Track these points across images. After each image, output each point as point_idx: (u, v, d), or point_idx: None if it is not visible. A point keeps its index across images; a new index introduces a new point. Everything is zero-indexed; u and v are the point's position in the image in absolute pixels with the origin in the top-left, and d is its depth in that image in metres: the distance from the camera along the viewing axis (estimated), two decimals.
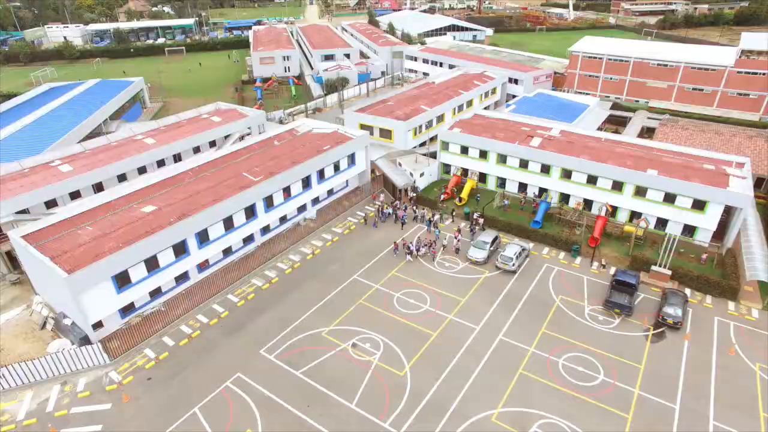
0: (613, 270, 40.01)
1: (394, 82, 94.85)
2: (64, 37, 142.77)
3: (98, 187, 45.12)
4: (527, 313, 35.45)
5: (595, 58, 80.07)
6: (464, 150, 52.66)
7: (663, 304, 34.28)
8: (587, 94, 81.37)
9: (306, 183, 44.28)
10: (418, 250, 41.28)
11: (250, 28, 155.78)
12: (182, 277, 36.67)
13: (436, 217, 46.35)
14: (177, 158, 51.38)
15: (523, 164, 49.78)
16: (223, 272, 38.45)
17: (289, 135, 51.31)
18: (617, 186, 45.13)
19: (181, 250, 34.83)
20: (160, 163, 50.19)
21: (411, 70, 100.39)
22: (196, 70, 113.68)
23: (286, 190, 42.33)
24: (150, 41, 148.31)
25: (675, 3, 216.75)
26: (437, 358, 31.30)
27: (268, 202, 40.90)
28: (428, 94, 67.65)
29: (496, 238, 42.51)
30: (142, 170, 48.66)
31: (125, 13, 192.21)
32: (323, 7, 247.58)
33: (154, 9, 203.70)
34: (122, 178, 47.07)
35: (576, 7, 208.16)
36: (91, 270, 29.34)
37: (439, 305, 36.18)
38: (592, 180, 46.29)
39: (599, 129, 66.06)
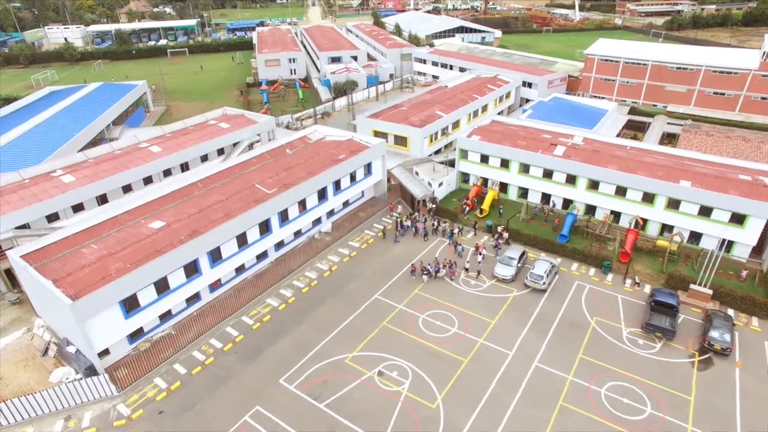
0: (647, 288, 37.80)
1: (403, 85, 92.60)
2: (65, 39, 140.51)
3: (102, 199, 42.87)
4: (562, 336, 33.22)
5: (612, 61, 77.86)
6: (484, 158, 50.44)
7: (708, 327, 32.02)
8: (602, 98, 79.24)
9: (321, 195, 42.03)
10: (437, 272, 38.81)
11: (253, 29, 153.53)
12: (193, 298, 34.41)
13: (456, 230, 44.16)
14: (184, 167, 49.10)
15: (547, 174, 47.55)
16: (236, 292, 36.21)
17: (301, 143, 49.06)
18: (648, 198, 42.92)
19: (192, 270, 32.58)
20: (167, 173, 47.87)
21: (420, 73, 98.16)
22: (199, 73, 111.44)
23: (302, 203, 40.08)
24: (152, 43, 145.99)
25: (681, 3, 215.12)
26: (470, 388, 29.08)
27: (283, 216, 38.65)
28: (442, 98, 65.40)
29: (523, 254, 40.30)
30: (147, 180, 46.34)
31: (126, 13, 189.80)
32: (326, 7, 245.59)
33: (155, 10, 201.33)
34: (127, 188, 44.78)
35: (581, 8, 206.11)
36: (97, 295, 27.08)
37: (467, 328, 33.95)
38: (621, 191, 44.07)
39: (617, 135, 63.86)
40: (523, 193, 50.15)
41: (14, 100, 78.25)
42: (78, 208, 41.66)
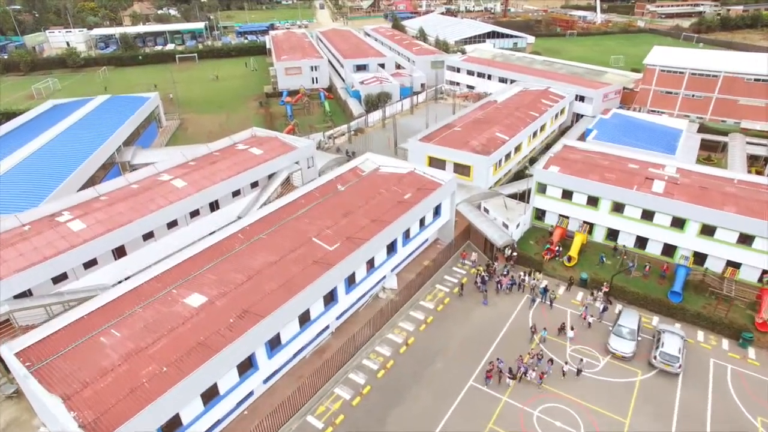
0: None
1: (437, 96, 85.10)
2: (67, 43, 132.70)
3: (119, 252, 35.16)
4: None
5: (676, 72, 70.23)
6: (566, 194, 42.82)
7: None
8: (662, 113, 71.71)
9: (390, 247, 34.35)
10: (525, 373, 29.54)
11: (265, 32, 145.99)
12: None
13: (544, 283, 36.57)
14: (214, 206, 41.33)
15: (646, 215, 39.97)
16: (295, 380, 28.52)
17: (353, 176, 41.43)
18: None
19: (247, 365, 24.96)
20: (194, 213, 40.10)
21: (453, 83, 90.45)
22: (212, 81, 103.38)
23: (370, 261, 32.39)
24: (159, 47, 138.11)
25: (703, 4, 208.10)
26: None
27: (350, 280, 31.00)
28: (498, 117, 57.79)
29: (639, 321, 32.77)
30: (171, 223, 38.60)
31: (130, 16, 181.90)
32: (335, 9, 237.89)
33: (159, 12, 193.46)
34: (148, 234, 37.07)
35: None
36: (128, 428, 19.37)
37: (597, 431, 26.39)
38: (745, 240, 36.49)
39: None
40: (612, 234, 42.56)
41: (14, 114, 70.48)
42: (90, 260, 34.03)
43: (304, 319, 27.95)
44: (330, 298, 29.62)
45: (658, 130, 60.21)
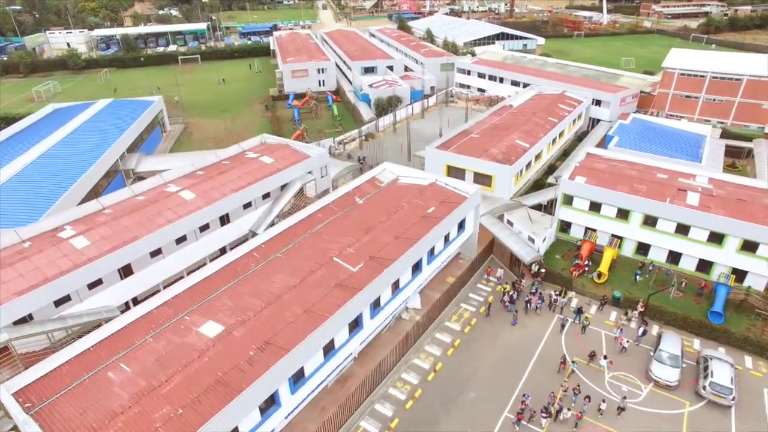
0: None
1: (448, 99, 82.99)
2: (68, 44, 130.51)
3: (125, 270, 33.00)
4: None
5: (696, 75, 68.14)
6: (594, 206, 40.72)
7: None
8: (680, 117, 69.70)
9: (415, 266, 32.23)
10: (558, 412, 27.02)
11: (268, 33, 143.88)
12: None
13: (574, 302, 34.46)
14: (224, 219, 39.14)
15: (680, 229, 37.87)
16: (317, 412, 26.40)
17: (371, 187, 39.31)
18: None
19: (269, 402, 22.84)
20: (203, 227, 37.88)
21: (463, 85, 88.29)
22: (216, 83, 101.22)
23: (395, 282, 30.26)
24: (161, 48, 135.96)
25: (709, 5, 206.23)
26: None
27: (375, 303, 28.88)
28: (516, 122, 55.63)
29: (682, 346, 30.69)
30: (180, 238, 36.40)
31: (131, 16, 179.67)
32: (337, 9, 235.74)
33: (160, 12, 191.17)
34: (156, 251, 34.90)
35: (601, 11, 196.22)
36: None
37: None
38: None
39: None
40: (642, 249, 40.44)
41: (13, 119, 68.36)
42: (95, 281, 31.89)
43: (329, 348, 25.84)
44: (355, 324, 27.52)
45: (681, 135, 58.18)
